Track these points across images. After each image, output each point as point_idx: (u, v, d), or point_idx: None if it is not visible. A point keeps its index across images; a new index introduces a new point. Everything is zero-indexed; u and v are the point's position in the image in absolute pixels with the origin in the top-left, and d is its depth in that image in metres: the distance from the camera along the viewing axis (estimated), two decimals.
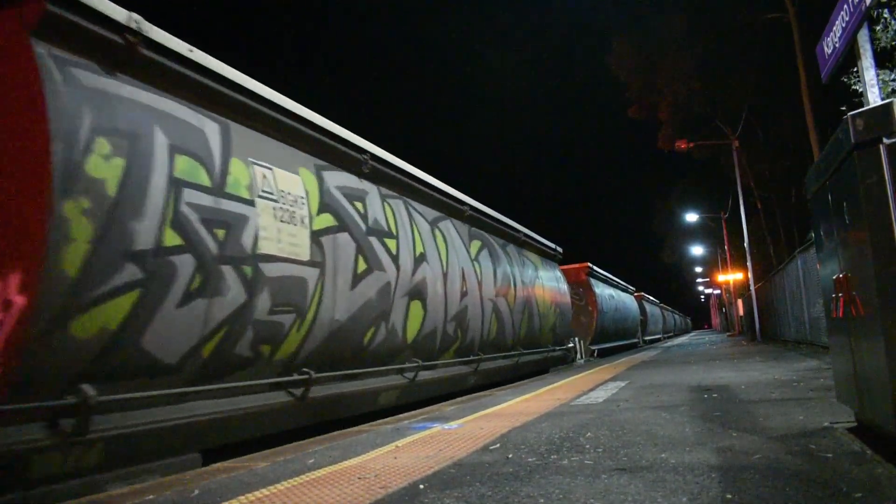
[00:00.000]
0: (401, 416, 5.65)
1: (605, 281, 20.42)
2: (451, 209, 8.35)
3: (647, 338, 31.80)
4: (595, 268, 18.36)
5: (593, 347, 17.02)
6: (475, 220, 9.22)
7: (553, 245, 13.79)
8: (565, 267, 16.22)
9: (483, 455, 3.28)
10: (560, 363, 13.35)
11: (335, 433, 4.74)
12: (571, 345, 14.29)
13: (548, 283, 12.33)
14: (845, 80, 9.15)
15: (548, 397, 6.22)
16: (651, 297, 38.22)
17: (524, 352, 10.53)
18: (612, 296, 20.49)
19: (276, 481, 2.98)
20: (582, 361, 15.20)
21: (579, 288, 16.99)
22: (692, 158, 29.30)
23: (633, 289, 27.63)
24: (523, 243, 11.72)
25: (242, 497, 2.69)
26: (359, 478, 2.92)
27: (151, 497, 2.80)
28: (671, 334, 49.09)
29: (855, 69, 8.76)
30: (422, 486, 2.65)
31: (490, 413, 5.22)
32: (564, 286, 13.67)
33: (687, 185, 35.67)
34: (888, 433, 2.44)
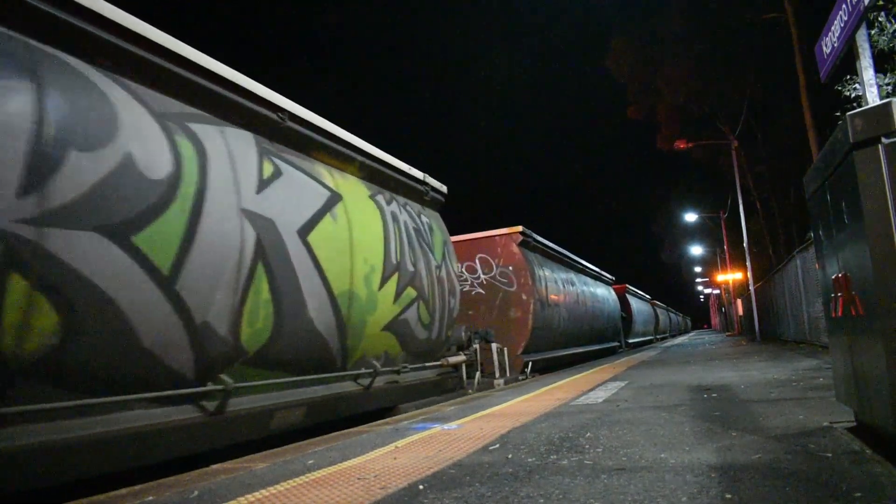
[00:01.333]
0: (399, 416, 5.65)
1: (557, 259, 14.23)
2: None
3: (633, 340, 25.33)
4: (535, 236, 12.17)
5: (528, 359, 10.90)
6: None
7: (420, 175, 7.62)
8: (485, 234, 11.47)
9: (483, 455, 3.28)
10: (431, 393, 7.20)
11: (334, 434, 4.73)
12: (464, 357, 8.14)
13: (385, 240, 6.25)
14: (839, 88, 9.15)
15: (547, 397, 6.22)
16: (639, 291, 30.52)
17: (250, 386, 4.36)
18: (571, 282, 14.66)
19: (275, 482, 2.98)
20: (501, 383, 9.37)
21: (508, 266, 11.19)
22: (691, 158, 29.37)
23: (612, 278, 21.79)
24: (292, 139, 5.30)
25: (242, 498, 2.69)
26: (358, 478, 2.92)
27: (151, 498, 2.79)
28: (666, 335, 42.22)
29: (847, 77, 8.80)
30: (421, 487, 2.65)
31: (490, 413, 5.22)
32: (444, 250, 7.80)
33: (686, 184, 35.72)
34: (887, 433, 2.44)
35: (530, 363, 10.91)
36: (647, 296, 35.13)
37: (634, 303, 27.08)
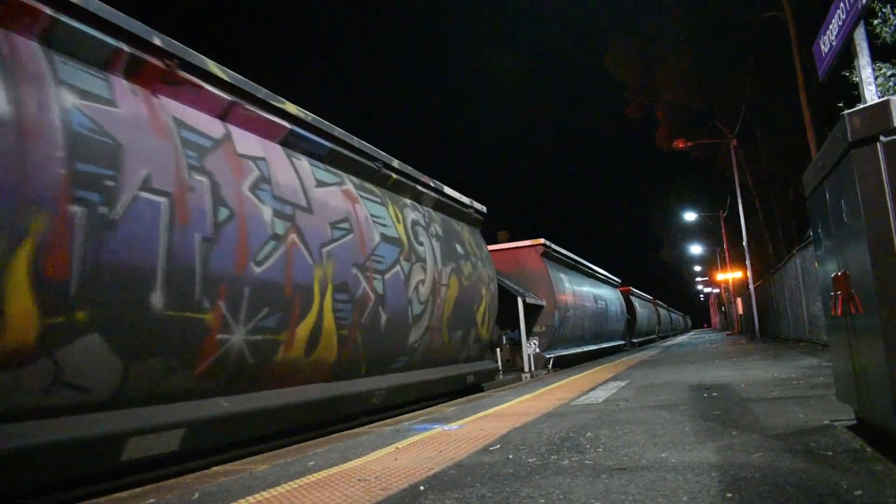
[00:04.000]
0: (401, 416, 5.65)
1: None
2: None
3: (566, 351, 14.22)
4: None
5: None
6: None
7: None
8: None
9: (483, 456, 3.28)
10: None
11: (335, 434, 4.74)
12: None
13: None
14: (846, 73, 9.11)
15: (548, 397, 6.22)
16: (589, 265, 18.85)
17: None
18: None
19: (276, 484, 2.98)
20: None
21: None
22: (690, 157, 29.36)
23: (478, 207, 9.78)
24: None
25: (243, 500, 2.69)
26: (359, 479, 2.92)
27: (152, 500, 2.79)
28: (652, 336, 34.22)
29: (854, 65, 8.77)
30: (422, 488, 2.65)
31: (490, 414, 5.22)
32: None
33: (685, 184, 35.62)
34: (888, 431, 2.44)
35: None
36: (615, 279, 23.34)
37: (567, 284, 15.02)
